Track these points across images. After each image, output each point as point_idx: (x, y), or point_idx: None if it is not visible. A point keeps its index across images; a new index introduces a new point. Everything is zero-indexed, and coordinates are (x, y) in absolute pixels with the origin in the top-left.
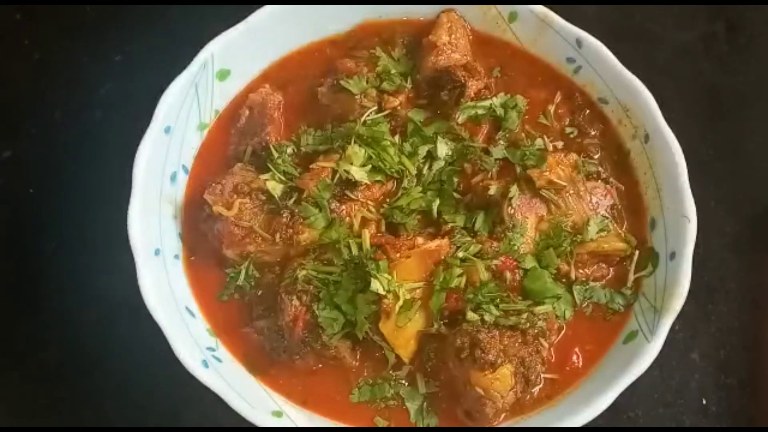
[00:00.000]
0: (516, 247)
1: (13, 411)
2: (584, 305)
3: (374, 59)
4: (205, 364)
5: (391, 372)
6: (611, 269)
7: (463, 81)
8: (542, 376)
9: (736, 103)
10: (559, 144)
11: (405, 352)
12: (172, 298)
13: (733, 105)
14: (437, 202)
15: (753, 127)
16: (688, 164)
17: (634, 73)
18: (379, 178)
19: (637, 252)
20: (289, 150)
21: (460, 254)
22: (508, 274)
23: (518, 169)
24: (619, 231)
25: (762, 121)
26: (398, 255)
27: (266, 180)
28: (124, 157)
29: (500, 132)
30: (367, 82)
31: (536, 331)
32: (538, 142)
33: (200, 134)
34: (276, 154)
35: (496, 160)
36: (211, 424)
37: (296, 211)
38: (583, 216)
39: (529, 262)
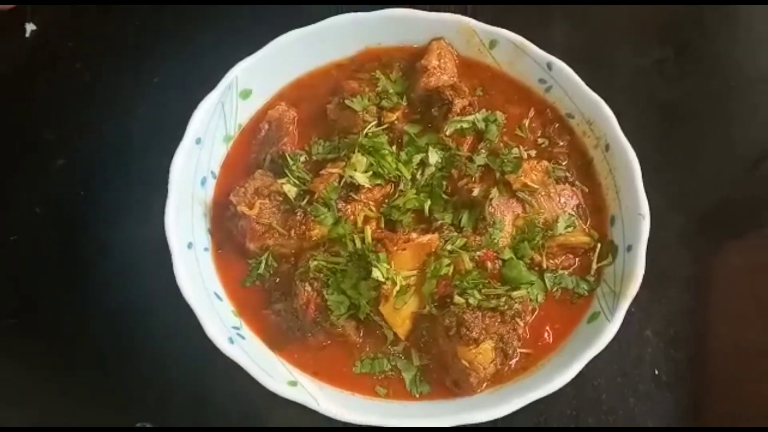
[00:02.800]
0: (496, 241)
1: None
2: (554, 290)
3: (374, 80)
4: (231, 340)
5: (389, 347)
6: (577, 259)
7: (450, 99)
8: (518, 350)
9: (684, 117)
10: (533, 152)
11: (401, 330)
12: (203, 285)
13: (681, 118)
14: (429, 202)
15: (698, 137)
16: (642, 169)
17: (596, 91)
18: (379, 182)
19: (599, 245)
20: (302, 158)
21: (448, 247)
22: (489, 264)
23: (497, 174)
24: (584, 227)
25: (705, 132)
26: (395, 248)
27: (283, 184)
28: (161, 165)
29: (482, 143)
30: (368, 101)
31: (513, 312)
32: (515, 151)
33: (226, 145)
34: (291, 162)
35: (478, 166)
36: (235, 393)
37: (308, 210)
38: (553, 214)
39: (507, 254)
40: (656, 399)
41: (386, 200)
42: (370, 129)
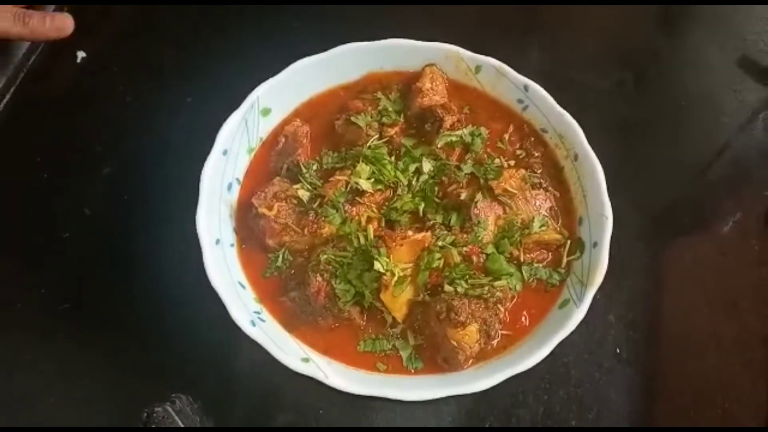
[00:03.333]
0: (480, 238)
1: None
2: (530, 280)
3: (376, 100)
4: (253, 323)
5: (389, 329)
6: (550, 254)
7: (441, 116)
8: (500, 332)
9: (642, 131)
10: (512, 162)
11: (399, 314)
12: (229, 276)
13: (639, 133)
14: (423, 204)
15: (654, 149)
16: (606, 176)
17: (566, 109)
18: (380, 187)
19: (569, 241)
20: (314, 167)
21: (440, 243)
22: (474, 258)
23: (482, 181)
24: (556, 226)
25: (660, 144)
26: (394, 244)
27: (297, 189)
28: (193, 172)
29: (468, 154)
30: (371, 118)
31: (495, 299)
32: (497, 161)
33: (249, 155)
34: (304, 170)
35: (465, 174)
36: (255, 367)
37: (319, 211)
38: (529, 215)
39: (490, 249)
40: (618, 373)
41: (386, 203)
42: (372, 142)
